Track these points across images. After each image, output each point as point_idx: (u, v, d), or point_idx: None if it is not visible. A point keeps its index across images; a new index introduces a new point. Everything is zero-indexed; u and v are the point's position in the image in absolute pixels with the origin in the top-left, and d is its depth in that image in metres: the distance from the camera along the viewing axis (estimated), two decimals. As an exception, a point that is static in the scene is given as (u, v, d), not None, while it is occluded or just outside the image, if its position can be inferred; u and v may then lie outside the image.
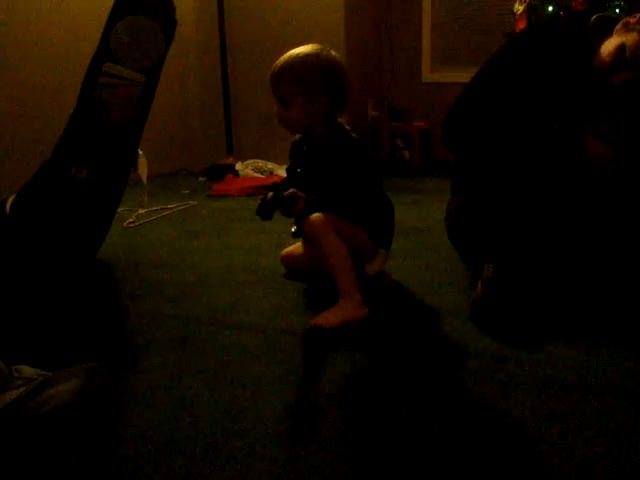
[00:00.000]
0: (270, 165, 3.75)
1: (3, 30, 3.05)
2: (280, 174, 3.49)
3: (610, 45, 1.66)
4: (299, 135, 1.83)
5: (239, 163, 3.77)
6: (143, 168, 2.27)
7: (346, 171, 1.69)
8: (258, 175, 3.66)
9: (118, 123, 1.99)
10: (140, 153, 2.17)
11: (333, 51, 1.72)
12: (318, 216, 1.67)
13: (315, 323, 1.56)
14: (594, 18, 1.75)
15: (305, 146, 1.80)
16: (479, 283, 1.63)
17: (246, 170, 3.70)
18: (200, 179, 3.81)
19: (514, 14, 3.02)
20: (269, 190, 1.70)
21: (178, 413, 1.19)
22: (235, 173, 3.69)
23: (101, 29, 1.96)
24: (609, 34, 1.69)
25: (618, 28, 1.66)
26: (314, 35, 2.96)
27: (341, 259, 1.64)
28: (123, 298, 1.86)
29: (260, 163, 3.77)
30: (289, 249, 2.01)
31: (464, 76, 1.94)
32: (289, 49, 1.72)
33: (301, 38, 2.01)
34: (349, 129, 1.76)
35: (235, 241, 2.43)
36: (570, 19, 2.23)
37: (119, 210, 2.22)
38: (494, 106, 1.76)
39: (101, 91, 1.96)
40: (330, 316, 1.57)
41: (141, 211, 2.86)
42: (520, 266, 1.65)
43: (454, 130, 1.85)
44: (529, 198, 1.72)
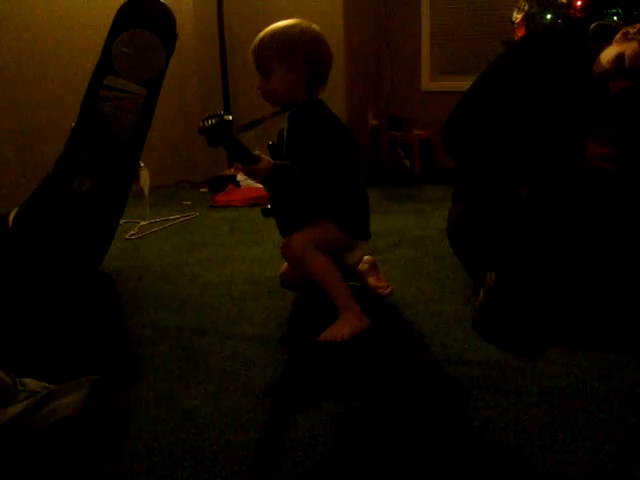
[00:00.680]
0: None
1: (5, 43, 3.07)
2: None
3: (609, 54, 1.67)
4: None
5: (240, 174, 3.77)
6: (145, 180, 2.28)
7: (318, 146, 1.65)
8: (259, 185, 3.66)
9: (120, 136, 2.01)
10: (142, 165, 2.18)
11: (314, 24, 1.73)
12: (295, 238, 1.66)
13: (323, 338, 1.52)
14: (593, 26, 1.76)
15: (286, 122, 1.78)
16: (481, 291, 1.64)
17: (247, 180, 3.70)
18: (202, 190, 3.82)
19: (513, 22, 3.04)
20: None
21: (182, 424, 1.19)
22: (236, 184, 3.70)
23: (102, 42, 1.98)
24: (608, 42, 1.70)
25: (618, 37, 1.68)
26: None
27: (329, 276, 1.63)
28: (126, 310, 1.86)
29: (261, 173, 3.77)
30: (284, 268, 1.98)
31: (464, 85, 1.94)
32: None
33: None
34: (327, 108, 1.72)
35: (237, 252, 2.44)
36: (568, 27, 2.25)
37: (121, 222, 2.23)
38: (493, 112, 1.77)
39: (103, 104, 1.98)
40: (336, 331, 1.54)
41: (143, 223, 2.87)
42: (522, 274, 1.65)
43: (454, 136, 1.86)
44: (530, 205, 1.72)
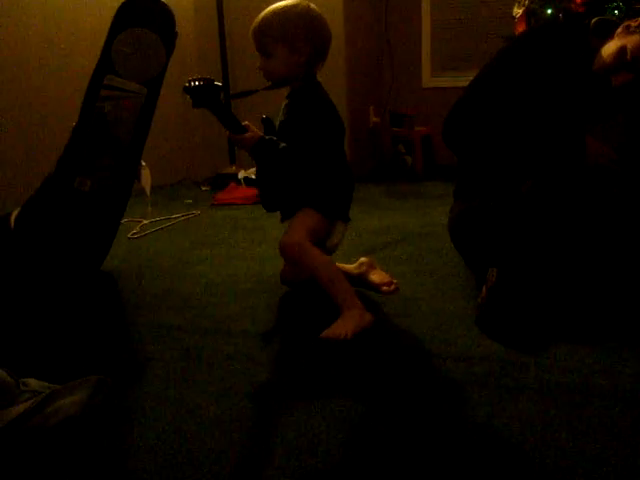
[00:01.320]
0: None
1: (5, 44, 3.07)
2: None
3: (611, 47, 1.67)
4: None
5: (242, 172, 3.77)
6: (146, 179, 2.28)
7: (305, 127, 1.69)
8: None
9: (120, 135, 2.01)
10: (143, 164, 2.18)
11: (312, 4, 1.74)
12: (289, 238, 1.69)
13: (326, 336, 1.52)
14: (594, 21, 1.76)
15: (285, 99, 1.81)
16: (484, 287, 1.63)
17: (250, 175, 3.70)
18: (203, 188, 3.82)
19: (513, 17, 3.03)
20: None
21: (185, 424, 1.19)
22: (238, 182, 3.70)
23: (102, 42, 1.97)
24: (609, 36, 1.70)
25: (619, 31, 1.68)
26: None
27: (328, 272, 1.65)
28: (128, 309, 1.87)
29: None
30: (284, 266, 1.96)
31: (465, 80, 1.94)
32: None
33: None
34: (323, 91, 1.75)
35: (239, 250, 2.44)
36: (568, 21, 2.24)
37: (123, 221, 2.23)
38: (494, 107, 1.77)
39: (103, 103, 1.97)
40: (339, 328, 1.54)
41: (145, 222, 2.88)
42: (524, 270, 1.65)
43: (455, 130, 1.86)
44: (531, 201, 1.72)
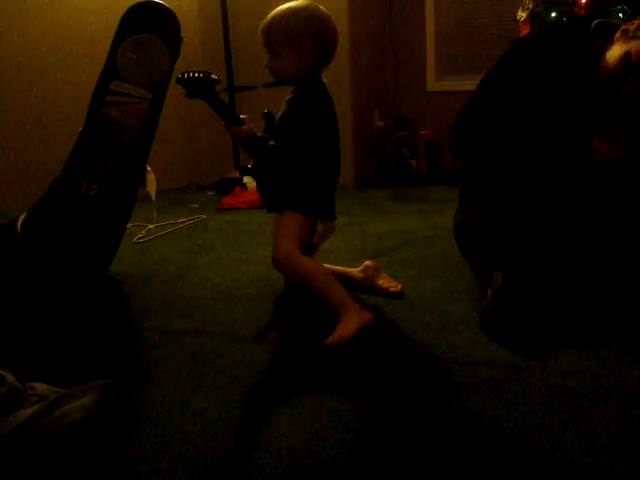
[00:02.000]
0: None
1: (11, 50, 3.09)
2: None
3: (614, 54, 1.67)
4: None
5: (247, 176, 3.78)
6: (152, 184, 2.29)
7: (300, 128, 1.71)
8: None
9: (126, 140, 2.02)
10: (148, 169, 2.18)
11: (321, 6, 1.74)
12: (278, 251, 1.71)
13: (330, 342, 1.52)
14: (594, 24, 1.76)
15: (289, 95, 1.81)
16: (489, 291, 1.63)
17: (254, 183, 3.70)
18: (209, 193, 3.83)
19: (517, 21, 3.03)
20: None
21: (191, 428, 1.20)
22: (243, 186, 3.70)
23: (108, 48, 1.99)
24: (610, 39, 1.70)
25: (618, 36, 1.67)
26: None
27: (320, 279, 1.67)
28: (134, 314, 1.87)
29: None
30: None
31: (469, 84, 1.95)
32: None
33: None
34: (325, 92, 1.76)
35: (245, 254, 2.44)
36: (573, 25, 2.25)
37: (129, 226, 2.24)
38: (500, 114, 1.77)
39: (109, 109, 1.98)
40: (341, 332, 1.54)
41: (150, 226, 2.88)
42: (530, 274, 1.65)
43: (461, 139, 1.86)
44: (537, 205, 1.72)
